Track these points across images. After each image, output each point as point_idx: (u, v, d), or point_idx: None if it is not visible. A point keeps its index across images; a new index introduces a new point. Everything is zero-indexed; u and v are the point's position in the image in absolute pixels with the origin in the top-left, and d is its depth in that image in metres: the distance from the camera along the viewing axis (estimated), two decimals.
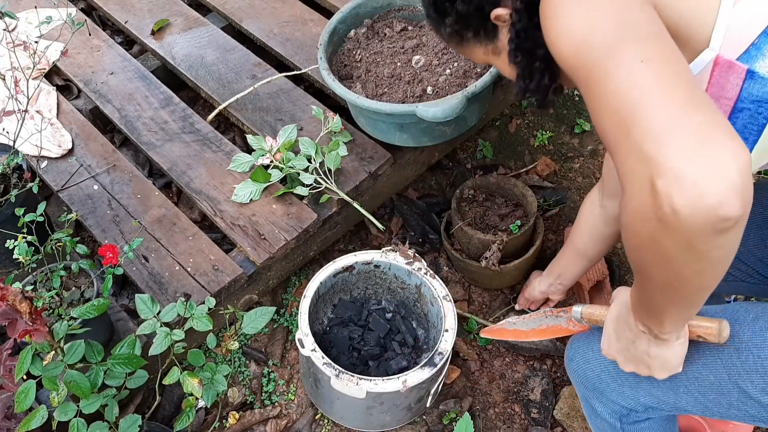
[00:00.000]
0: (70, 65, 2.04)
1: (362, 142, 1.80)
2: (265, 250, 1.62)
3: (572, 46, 0.80)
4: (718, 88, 0.90)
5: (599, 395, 1.18)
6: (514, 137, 2.19)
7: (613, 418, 1.20)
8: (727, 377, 1.00)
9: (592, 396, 1.21)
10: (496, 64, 1.09)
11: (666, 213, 0.69)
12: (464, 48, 1.10)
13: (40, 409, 1.24)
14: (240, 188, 1.71)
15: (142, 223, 1.68)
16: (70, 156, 1.82)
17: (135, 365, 1.30)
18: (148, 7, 2.19)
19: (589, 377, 1.18)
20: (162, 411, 1.65)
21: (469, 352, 1.77)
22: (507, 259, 1.75)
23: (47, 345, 1.24)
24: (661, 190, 0.69)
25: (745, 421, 1.04)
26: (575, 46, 0.80)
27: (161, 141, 1.84)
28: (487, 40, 1.05)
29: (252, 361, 1.76)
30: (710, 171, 0.67)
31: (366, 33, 1.81)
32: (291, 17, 2.12)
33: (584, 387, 1.21)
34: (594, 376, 1.17)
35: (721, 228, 0.69)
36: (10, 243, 1.37)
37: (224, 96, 1.91)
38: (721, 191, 0.67)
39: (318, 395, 1.60)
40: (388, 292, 1.74)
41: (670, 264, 0.76)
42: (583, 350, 1.20)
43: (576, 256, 1.48)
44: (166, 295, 1.56)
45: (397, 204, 2.01)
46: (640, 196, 0.72)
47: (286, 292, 1.87)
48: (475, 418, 1.67)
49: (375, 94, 1.68)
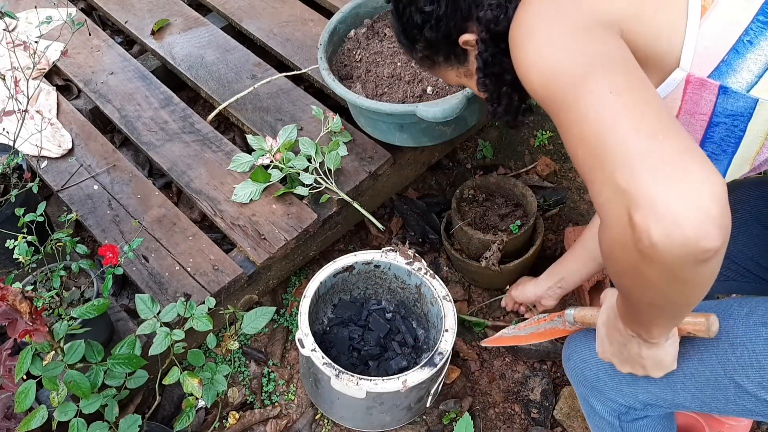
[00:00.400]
0: (70, 65, 2.04)
1: (362, 142, 1.80)
2: (265, 250, 1.62)
3: (541, 79, 0.81)
4: (692, 105, 0.91)
5: (597, 394, 1.19)
6: (514, 137, 2.19)
7: (611, 416, 1.20)
8: (723, 373, 1.00)
9: (590, 395, 1.21)
10: (469, 85, 1.11)
11: (645, 245, 0.69)
12: (437, 71, 1.12)
13: (40, 409, 1.24)
14: (240, 188, 1.71)
15: (142, 223, 1.68)
16: (70, 156, 1.82)
17: (135, 365, 1.30)
18: (148, 7, 2.19)
19: (587, 376, 1.18)
20: (162, 411, 1.65)
21: (469, 352, 1.77)
22: (507, 259, 1.75)
23: (47, 345, 1.24)
24: (638, 222, 0.69)
25: (743, 416, 1.04)
26: (544, 79, 0.81)
27: (161, 141, 1.84)
28: (458, 64, 1.07)
29: (252, 361, 1.76)
30: (684, 201, 0.67)
31: (366, 33, 1.81)
32: (291, 17, 2.12)
33: (582, 386, 1.22)
34: (592, 375, 1.18)
35: (701, 259, 0.69)
36: (10, 243, 1.37)
37: (224, 96, 1.91)
38: (697, 222, 0.67)
39: (318, 395, 1.60)
40: (388, 292, 1.74)
41: (653, 288, 0.77)
42: (580, 349, 1.20)
43: (587, 258, 1.42)
44: (166, 295, 1.56)
45: (397, 204, 2.01)
46: (618, 228, 0.72)
47: (286, 292, 1.87)
48: (475, 418, 1.67)
49: (375, 94, 1.68)
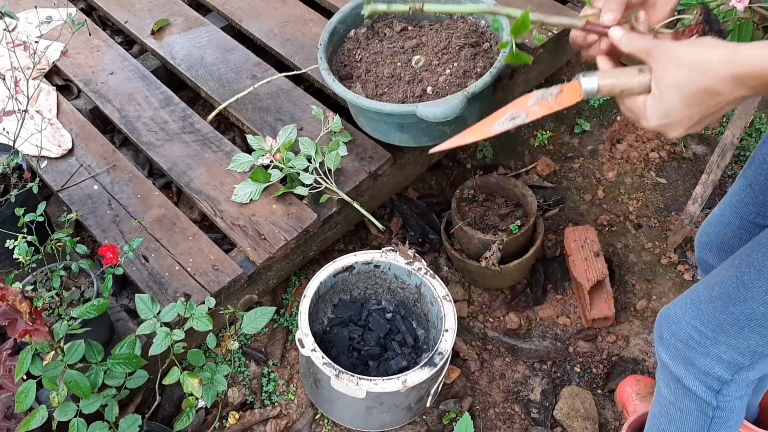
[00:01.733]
0: (70, 65, 2.04)
1: (362, 142, 1.80)
2: (265, 250, 1.62)
3: None
4: None
5: (692, 368, 1.12)
6: (514, 137, 2.19)
7: (709, 394, 1.14)
8: None
9: (686, 373, 1.14)
10: None
11: None
12: None
13: (40, 409, 1.23)
14: (240, 188, 1.71)
15: (142, 223, 1.68)
16: (70, 156, 1.82)
17: (135, 365, 1.30)
18: (148, 7, 2.19)
19: (679, 348, 1.12)
20: (162, 411, 1.65)
21: (469, 352, 1.77)
22: (507, 259, 1.75)
23: (47, 345, 1.24)
24: None
25: None
26: None
27: (161, 141, 1.84)
28: None
29: (252, 361, 1.76)
30: None
31: (366, 33, 1.81)
32: (291, 17, 2.12)
33: (678, 360, 1.14)
34: (684, 337, 1.11)
35: None
36: (10, 243, 1.37)
37: (224, 96, 1.91)
38: None
39: (318, 395, 1.60)
40: (388, 292, 1.74)
41: None
42: (669, 322, 1.14)
43: None
44: (166, 295, 1.56)
45: (397, 204, 2.02)
46: None
47: (286, 292, 1.87)
48: (475, 418, 1.67)
49: (375, 94, 1.68)
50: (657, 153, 2.15)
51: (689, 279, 1.89)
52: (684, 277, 1.89)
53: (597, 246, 1.84)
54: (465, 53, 1.67)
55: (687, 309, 1.13)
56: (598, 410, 1.68)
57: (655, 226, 2.00)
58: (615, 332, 1.81)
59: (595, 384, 1.73)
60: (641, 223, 2.01)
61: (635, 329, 1.81)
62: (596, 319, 1.78)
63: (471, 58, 1.66)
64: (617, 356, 1.77)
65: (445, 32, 1.74)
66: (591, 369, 1.75)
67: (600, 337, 1.80)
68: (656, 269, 1.92)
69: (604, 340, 1.80)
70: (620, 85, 0.87)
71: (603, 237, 1.97)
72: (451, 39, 1.71)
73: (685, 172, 2.12)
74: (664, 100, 0.83)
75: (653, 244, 1.96)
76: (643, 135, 2.17)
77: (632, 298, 1.87)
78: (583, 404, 1.68)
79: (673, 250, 1.94)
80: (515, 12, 0.95)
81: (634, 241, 1.97)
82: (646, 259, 1.94)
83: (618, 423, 1.67)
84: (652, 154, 2.14)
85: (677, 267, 1.91)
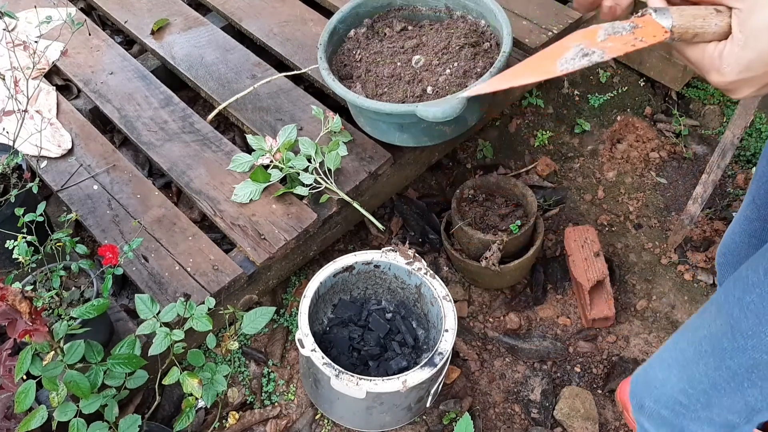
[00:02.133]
0: (69, 65, 2.04)
1: (362, 142, 1.80)
2: (265, 250, 1.62)
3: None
4: None
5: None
6: (514, 137, 2.19)
7: None
8: None
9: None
10: None
11: None
12: None
13: (39, 409, 1.23)
14: (240, 188, 1.71)
15: (141, 223, 1.68)
16: (70, 156, 1.82)
17: (135, 365, 1.30)
18: (148, 7, 2.19)
19: (665, 416, 1.02)
20: (162, 411, 1.65)
21: (469, 352, 1.77)
22: (507, 259, 1.75)
23: (47, 345, 1.24)
24: None
25: None
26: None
27: (161, 141, 1.84)
28: None
29: (252, 361, 1.76)
30: None
31: (366, 33, 1.81)
32: (291, 17, 2.12)
33: (660, 425, 1.04)
34: (671, 406, 1.01)
35: None
36: (10, 243, 1.37)
37: (224, 96, 1.91)
38: None
39: (318, 395, 1.60)
40: (388, 292, 1.74)
41: None
42: (647, 389, 1.05)
43: None
44: (165, 295, 1.56)
45: (397, 204, 2.01)
46: None
47: (286, 292, 1.87)
48: (475, 418, 1.67)
49: (375, 94, 1.68)
50: (657, 153, 2.15)
51: (689, 279, 1.89)
52: (684, 277, 1.89)
53: (597, 246, 1.84)
54: (465, 53, 1.67)
55: (671, 370, 1.02)
56: (598, 410, 1.68)
57: (655, 226, 2.00)
58: (615, 332, 1.81)
59: (595, 384, 1.73)
60: (641, 223, 2.01)
61: (635, 329, 1.81)
62: (596, 319, 1.78)
63: (471, 57, 1.66)
64: (617, 356, 1.77)
65: (445, 32, 1.74)
66: (591, 369, 1.75)
67: (600, 337, 1.80)
68: (656, 269, 1.92)
69: (604, 340, 1.80)
70: (696, 27, 0.70)
71: (603, 237, 1.97)
72: (451, 39, 1.70)
73: (686, 172, 2.12)
74: (748, 49, 0.67)
75: (653, 244, 1.96)
76: (643, 135, 2.17)
77: (632, 298, 1.87)
78: (584, 404, 1.68)
79: (673, 250, 1.94)
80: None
81: (634, 241, 1.97)
82: (647, 259, 1.94)
83: (618, 423, 1.67)
84: (653, 154, 2.14)
85: (677, 267, 1.91)
